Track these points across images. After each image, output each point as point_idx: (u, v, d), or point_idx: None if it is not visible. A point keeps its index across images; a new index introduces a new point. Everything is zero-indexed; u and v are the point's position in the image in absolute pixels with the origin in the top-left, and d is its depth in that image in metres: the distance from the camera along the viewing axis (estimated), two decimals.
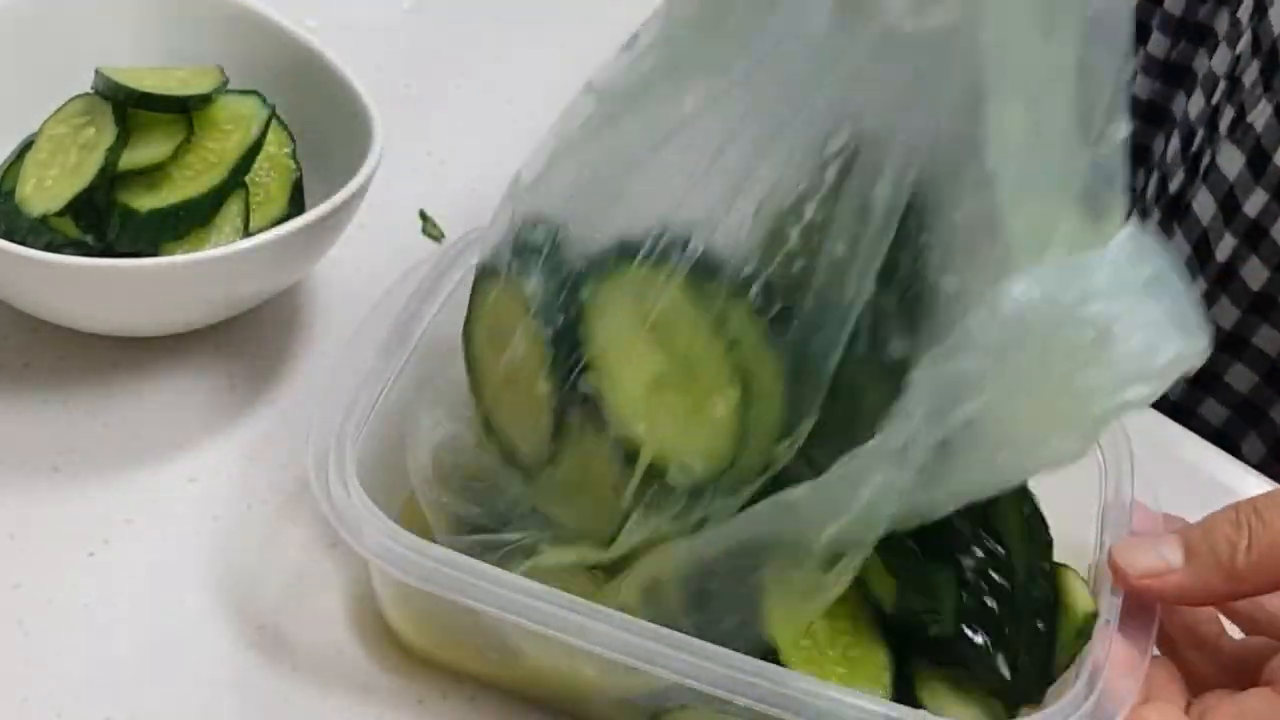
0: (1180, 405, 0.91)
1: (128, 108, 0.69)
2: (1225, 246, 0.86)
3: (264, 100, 0.71)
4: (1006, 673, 0.57)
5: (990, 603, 0.57)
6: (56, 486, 0.65)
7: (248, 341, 0.72)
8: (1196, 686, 0.58)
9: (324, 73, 0.73)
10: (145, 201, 0.68)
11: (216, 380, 0.70)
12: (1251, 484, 0.75)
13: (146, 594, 0.62)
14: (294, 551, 0.64)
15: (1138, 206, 0.98)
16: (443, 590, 0.55)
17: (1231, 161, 0.85)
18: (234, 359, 0.71)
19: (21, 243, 0.64)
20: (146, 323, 0.69)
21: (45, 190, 0.68)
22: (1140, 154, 1.01)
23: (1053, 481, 0.65)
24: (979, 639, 0.56)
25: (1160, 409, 0.79)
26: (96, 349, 0.70)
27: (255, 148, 0.70)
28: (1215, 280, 0.88)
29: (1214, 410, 0.91)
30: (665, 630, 0.54)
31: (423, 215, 0.80)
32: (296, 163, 0.73)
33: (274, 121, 0.71)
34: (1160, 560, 0.57)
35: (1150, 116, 0.99)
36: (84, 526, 0.64)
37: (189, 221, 0.68)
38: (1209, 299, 0.88)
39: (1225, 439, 0.89)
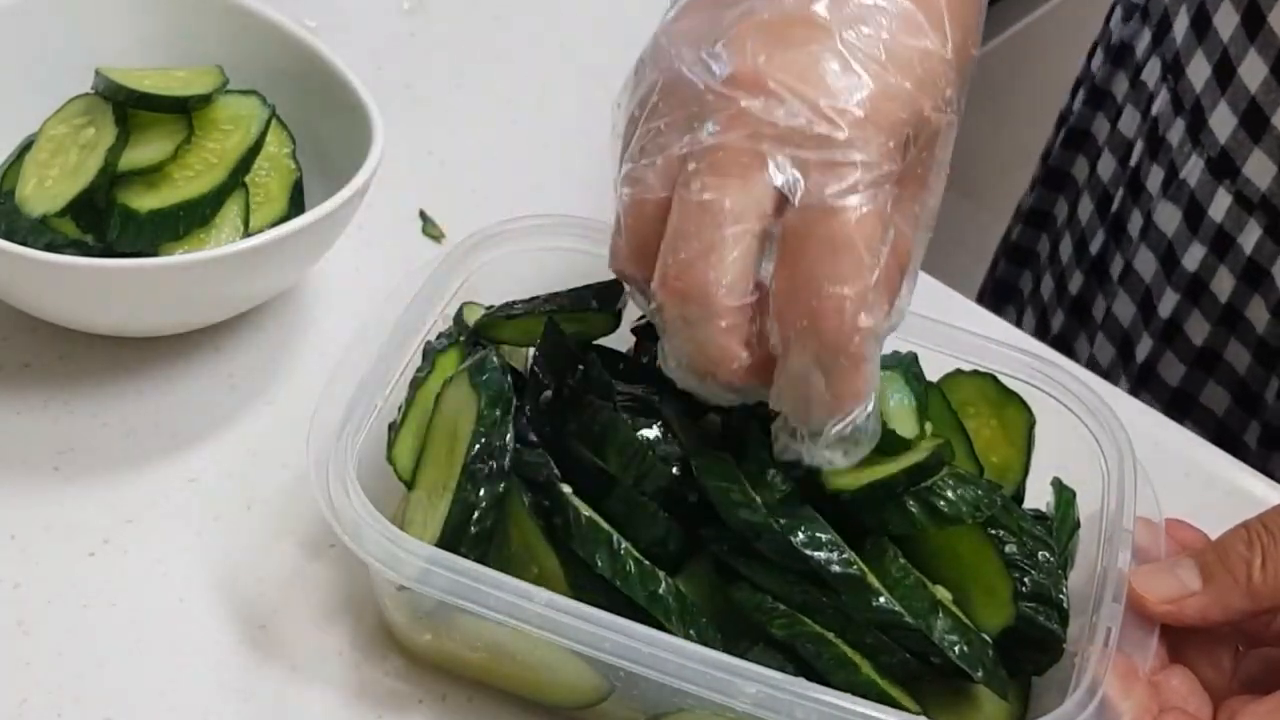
0: None
1: (128, 108, 0.69)
2: (1167, 303, 0.87)
3: (264, 100, 0.71)
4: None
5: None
6: (56, 486, 0.65)
7: (248, 341, 0.72)
8: (1214, 699, 0.58)
9: (324, 73, 0.73)
10: (145, 201, 0.68)
11: (216, 380, 0.70)
12: (1251, 483, 0.75)
13: (146, 594, 0.62)
14: (294, 551, 0.64)
15: (1053, 269, 0.99)
16: (440, 593, 0.55)
17: (1168, 218, 0.86)
18: (234, 359, 0.71)
19: (22, 243, 0.64)
20: (146, 323, 0.69)
21: (45, 190, 0.68)
22: (1041, 218, 1.02)
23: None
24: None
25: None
26: (96, 349, 0.70)
27: (255, 148, 0.70)
28: (1160, 337, 0.88)
29: None
30: (663, 635, 0.54)
31: (423, 215, 0.80)
32: (296, 163, 0.73)
33: (274, 121, 0.71)
34: (1179, 585, 0.58)
35: (1050, 181, 1.00)
36: (84, 526, 0.64)
37: (189, 221, 0.68)
38: (1154, 357, 0.89)
39: None
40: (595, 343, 0.65)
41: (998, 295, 1.07)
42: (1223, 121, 0.82)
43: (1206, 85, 0.83)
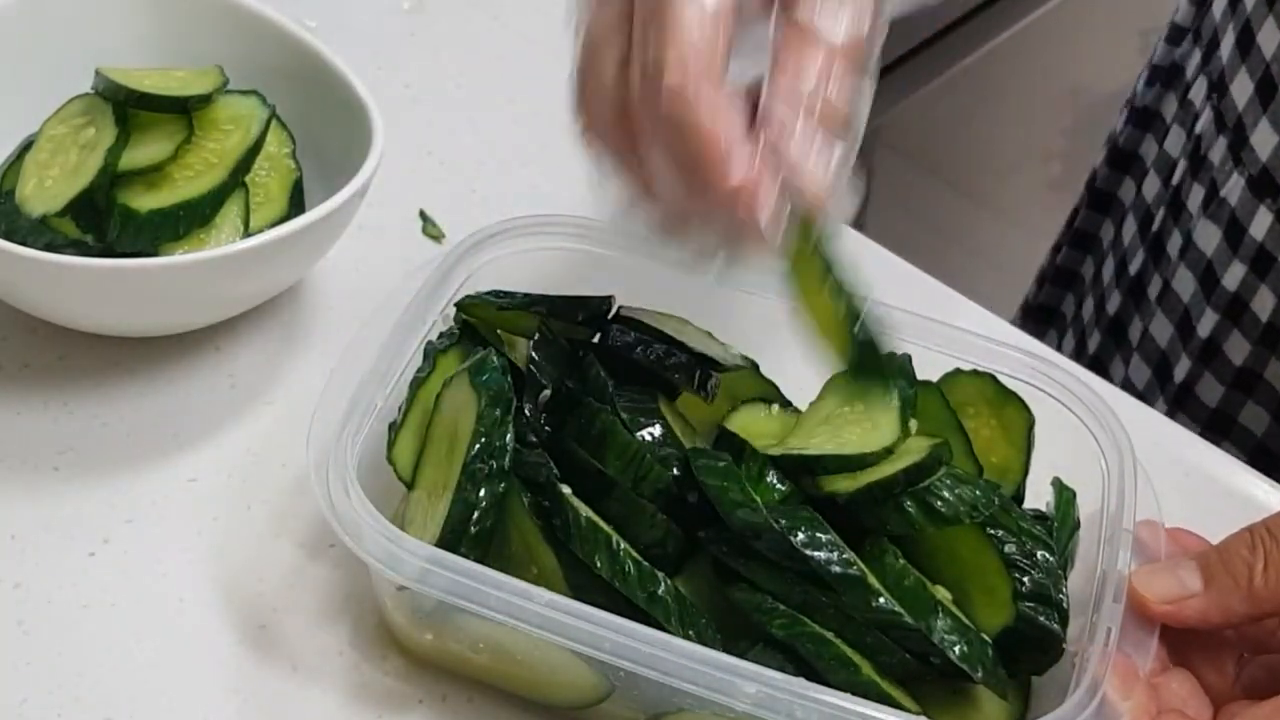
0: None
1: (128, 108, 0.69)
2: (1206, 323, 0.87)
3: (264, 100, 0.71)
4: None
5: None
6: (56, 486, 0.65)
7: (248, 341, 0.72)
8: (1215, 704, 0.58)
9: (324, 73, 0.73)
10: (145, 201, 0.68)
11: (216, 380, 0.70)
12: (1253, 486, 0.75)
13: (146, 594, 0.62)
14: (294, 551, 0.64)
15: (1094, 291, 0.99)
16: (440, 593, 0.55)
17: (1208, 237, 0.86)
18: (234, 359, 0.71)
19: (21, 243, 0.64)
20: (146, 323, 0.69)
21: (45, 190, 0.68)
22: (1087, 240, 1.02)
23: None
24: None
25: None
26: (96, 349, 0.70)
27: (255, 148, 0.70)
28: (1198, 358, 0.88)
29: None
30: (662, 635, 0.54)
31: (423, 215, 0.80)
32: (296, 163, 0.73)
33: (274, 121, 0.71)
34: (1179, 586, 0.57)
35: (1097, 203, 1.00)
36: (84, 526, 0.64)
37: (189, 221, 0.68)
38: (1192, 378, 0.89)
39: None
40: (594, 341, 0.66)
41: (1038, 319, 1.07)
42: (1264, 140, 0.81)
43: (1249, 103, 0.83)
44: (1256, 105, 0.82)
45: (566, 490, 0.58)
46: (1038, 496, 0.65)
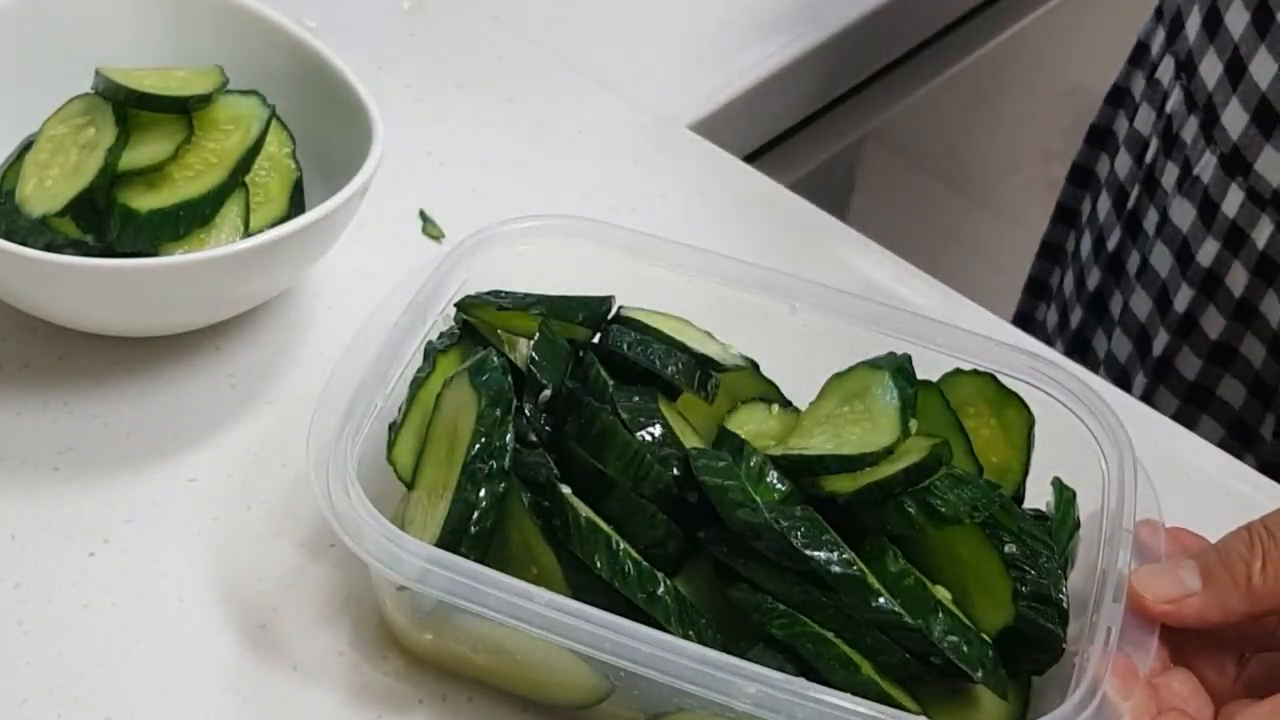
0: None
1: (128, 108, 0.69)
2: (1183, 298, 0.87)
3: (264, 100, 0.71)
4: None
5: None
6: (56, 486, 0.65)
7: (248, 341, 0.72)
8: (1216, 703, 0.58)
9: (324, 73, 0.73)
10: (145, 201, 0.68)
11: (216, 380, 0.70)
12: (1252, 485, 0.75)
13: (146, 594, 0.62)
14: (294, 551, 0.64)
15: (1074, 265, 1.00)
16: (440, 593, 0.55)
17: (1183, 215, 0.87)
18: (234, 359, 0.71)
19: (21, 243, 0.64)
20: (146, 323, 0.69)
21: (45, 190, 0.68)
22: (1069, 215, 1.03)
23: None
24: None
25: None
26: (96, 349, 0.70)
27: (255, 148, 0.70)
28: (1176, 331, 0.89)
29: None
30: (663, 635, 0.54)
31: (423, 215, 0.80)
32: (296, 163, 0.73)
33: (274, 121, 0.71)
34: (1179, 585, 0.58)
35: (1076, 179, 1.01)
36: (84, 526, 0.64)
37: (189, 221, 0.68)
38: (1170, 351, 0.89)
39: None
40: (594, 341, 0.66)
41: (1031, 292, 1.08)
42: (1235, 119, 0.82)
43: (1218, 83, 0.83)
44: (1226, 85, 0.83)
45: (566, 490, 0.58)
46: (1038, 496, 0.65)
